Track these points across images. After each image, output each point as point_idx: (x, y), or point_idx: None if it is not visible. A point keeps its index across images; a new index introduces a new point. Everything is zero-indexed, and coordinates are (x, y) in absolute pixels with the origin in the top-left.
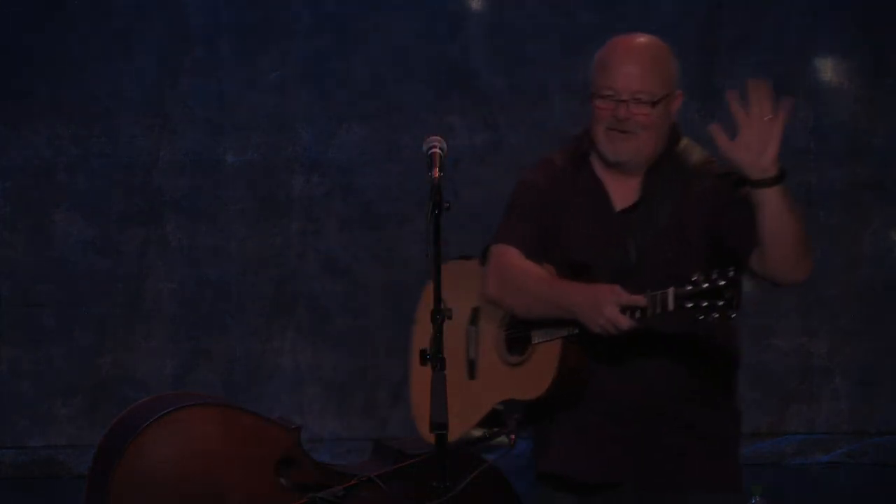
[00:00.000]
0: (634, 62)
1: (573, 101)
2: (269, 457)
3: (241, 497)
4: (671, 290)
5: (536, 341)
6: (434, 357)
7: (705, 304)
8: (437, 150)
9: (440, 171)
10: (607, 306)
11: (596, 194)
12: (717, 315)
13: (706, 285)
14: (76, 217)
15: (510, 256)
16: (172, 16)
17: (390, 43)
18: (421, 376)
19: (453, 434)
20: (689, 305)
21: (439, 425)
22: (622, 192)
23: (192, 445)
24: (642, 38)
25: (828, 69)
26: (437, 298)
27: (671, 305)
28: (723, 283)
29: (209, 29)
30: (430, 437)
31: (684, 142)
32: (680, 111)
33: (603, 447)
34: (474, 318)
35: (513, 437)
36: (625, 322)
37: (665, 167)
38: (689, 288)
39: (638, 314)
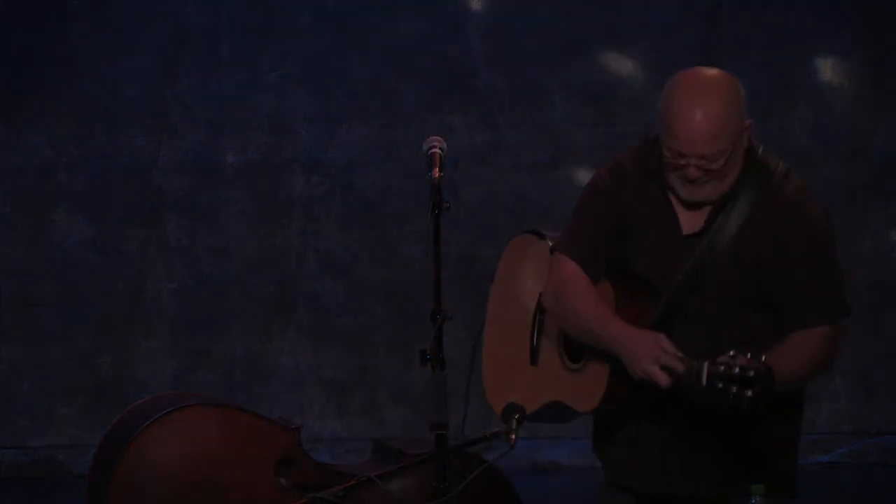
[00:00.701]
0: (699, 126)
1: (573, 101)
2: (269, 457)
3: (241, 497)
4: (706, 365)
5: (590, 354)
6: (434, 357)
7: (735, 389)
8: (437, 150)
9: (440, 171)
10: (647, 362)
11: (664, 214)
12: (741, 405)
13: (738, 371)
14: (76, 217)
15: (570, 274)
16: (172, 16)
17: (390, 43)
18: (494, 358)
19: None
20: (720, 386)
21: (439, 425)
22: (691, 215)
23: (191, 445)
24: (704, 89)
25: (828, 69)
26: (438, 298)
27: (704, 380)
28: (752, 374)
29: (209, 29)
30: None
31: (760, 157)
32: None
33: (659, 458)
34: (541, 305)
35: (513, 437)
36: (664, 380)
37: (739, 192)
38: (723, 368)
39: (674, 377)
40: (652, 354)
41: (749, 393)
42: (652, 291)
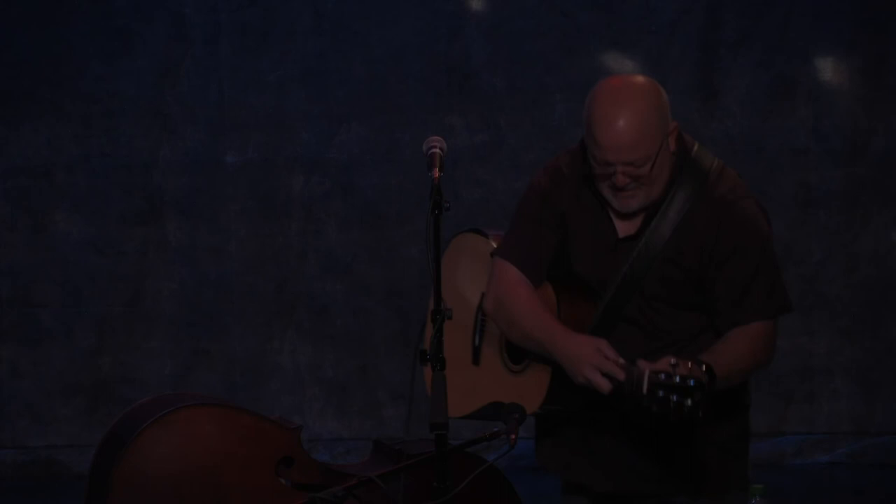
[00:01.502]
0: (621, 133)
1: (573, 102)
2: (269, 457)
3: (241, 497)
4: (647, 373)
5: (531, 357)
6: (434, 357)
7: (675, 398)
8: (437, 151)
9: (440, 171)
10: (587, 368)
11: (600, 218)
12: (682, 414)
13: (678, 380)
14: (76, 217)
15: (511, 280)
16: (172, 15)
17: (390, 43)
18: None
19: (451, 413)
20: (661, 394)
21: (439, 425)
22: (625, 219)
23: (192, 445)
24: (624, 96)
25: (828, 69)
26: (438, 298)
27: (645, 389)
28: (693, 383)
29: (209, 29)
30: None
31: (694, 156)
32: (678, 111)
33: (608, 457)
34: (482, 303)
35: (513, 437)
36: (605, 386)
37: (674, 194)
38: (663, 377)
39: (615, 383)
40: (592, 361)
41: (689, 402)
42: (592, 294)
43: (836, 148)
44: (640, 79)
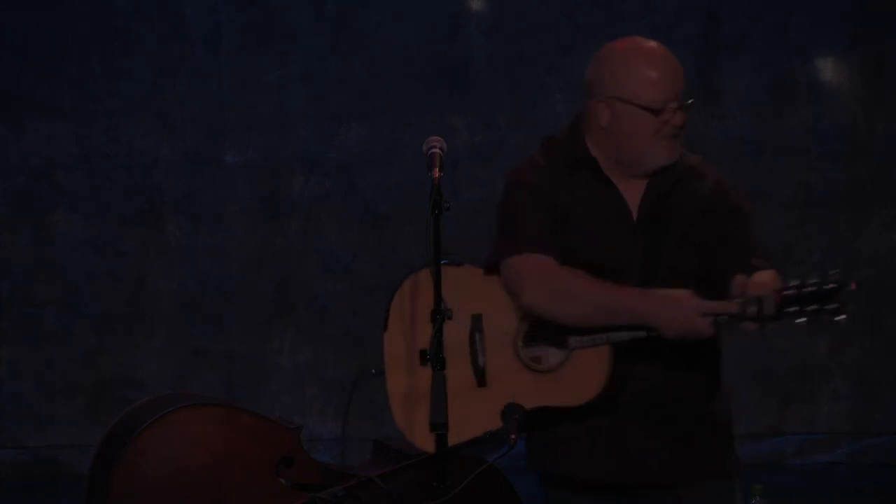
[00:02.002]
0: (673, 66)
1: (573, 101)
2: (269, 457)
3: (241, 497)
4: (773, 294)
5: (574, 347)
6: (434, 357)
7: (812, 307)
8: (437, 150)
9: (440, 171)
10: (695, 319)
11: (610, 199)
12: (824, 319)
13: (812, 288)
14: (76, 217)
15: (551, 265)
16: (172, 15)
17: (390, 43)
18: (402, 384)
19: (458, 438)
20: (793, 310)
21: (439, 425)
22: (631, 197)
23: (192, 445)
24: (642, 39)
25: (828, 69)
26: (438, 298)
27: (773, 310)
28: (831, 286)
29: (209, 29)
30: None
31: None
32: None
33: (624, 446)
34: (476, 325)
35: (513, 437)
36: (710, 329)
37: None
38: (792, 292)
39: (725, 319)
40: (695, 310)
41: (831, 306)
42: (610, 278)
43: (836, 148)
44: None
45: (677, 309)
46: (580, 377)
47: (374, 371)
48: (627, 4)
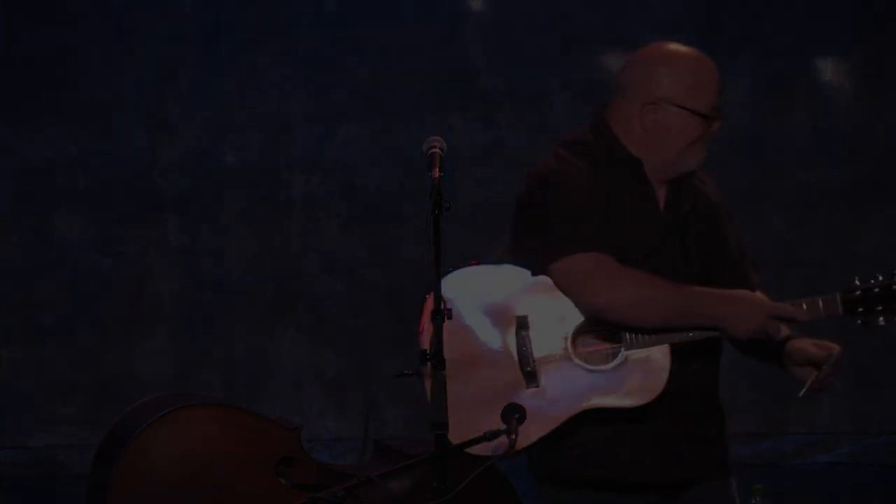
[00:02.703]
0: (718, 74)
1: (573, 101)
2: (269, 457)
3: (241, 497)
4: (838, 296)
5: (633, 346)
6: (434, 357)
7: (880, 307)
8: (437, 150)
9: (440, 171)
10: (766, 319)
11: (648, 201)
12: (891, 319)
13: (877, 290)
14: (76, 217)
15: (616, 265)
16: (172, 15)
17: (390, 43)
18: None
19: (525, 442)
20: (860, 310)
21: (439, 425)
22: (660, 197)
23: (192, 445)
24: (694, 49)
25: (828, 69)
26: (438, 298)
27: (841, 310)
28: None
29: (209, 29)
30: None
31: None
32: None
33: (663, 445)
34: (521, 326)
35: (513, 437)
36: (782, 331)
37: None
38: (859, 293)
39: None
40: (768, 312)
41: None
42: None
43: (836, 148)
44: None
45: (751, 310)
46: (641, 378)
47: (408, 371)
48: (628, 4)
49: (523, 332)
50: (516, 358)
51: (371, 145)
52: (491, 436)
